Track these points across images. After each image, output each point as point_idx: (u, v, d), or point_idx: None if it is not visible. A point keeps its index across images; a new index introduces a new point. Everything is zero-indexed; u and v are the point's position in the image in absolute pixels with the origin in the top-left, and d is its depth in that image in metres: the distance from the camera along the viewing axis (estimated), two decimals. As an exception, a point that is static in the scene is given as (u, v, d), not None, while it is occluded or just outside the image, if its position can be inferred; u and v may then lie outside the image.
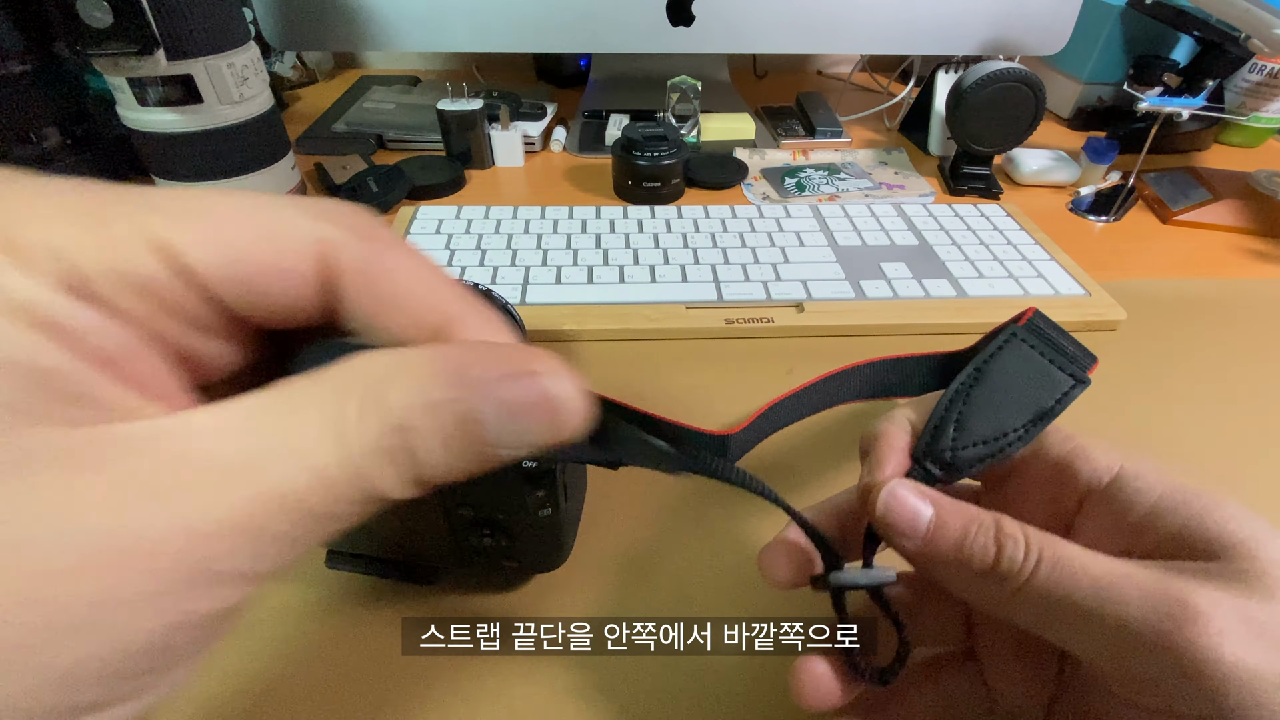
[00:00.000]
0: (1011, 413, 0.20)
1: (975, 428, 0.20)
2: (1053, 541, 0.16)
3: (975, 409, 0.20)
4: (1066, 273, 0.46)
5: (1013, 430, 0.20)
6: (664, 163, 0.54)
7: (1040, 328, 0.22)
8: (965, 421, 0.20)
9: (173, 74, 0.43)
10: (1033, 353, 0.21)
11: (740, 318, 0.41)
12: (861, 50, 0.62)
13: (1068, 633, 0.16)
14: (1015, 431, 0.20)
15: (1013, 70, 0.53)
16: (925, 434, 0.20)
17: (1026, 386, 0.21)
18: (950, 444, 0.20)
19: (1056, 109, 0.76)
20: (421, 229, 0.49)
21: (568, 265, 0.45)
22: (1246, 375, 0.39)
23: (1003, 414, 0.20)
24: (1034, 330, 0.22)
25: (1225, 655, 0.14)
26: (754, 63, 0.89)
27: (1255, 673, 0.14)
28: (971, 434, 0.20)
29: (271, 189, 0.50)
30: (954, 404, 0.20)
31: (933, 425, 0.20)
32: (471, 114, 0.58)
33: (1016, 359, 0.21)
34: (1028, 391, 0.20)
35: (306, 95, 0.79)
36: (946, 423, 0.20)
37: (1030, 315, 0.22)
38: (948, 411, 0.20)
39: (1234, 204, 0.55)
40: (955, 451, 0.20)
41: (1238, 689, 0.14)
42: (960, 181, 0.59)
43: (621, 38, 0.59)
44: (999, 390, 0.20)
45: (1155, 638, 0.14)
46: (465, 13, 0.57)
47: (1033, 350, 0.21)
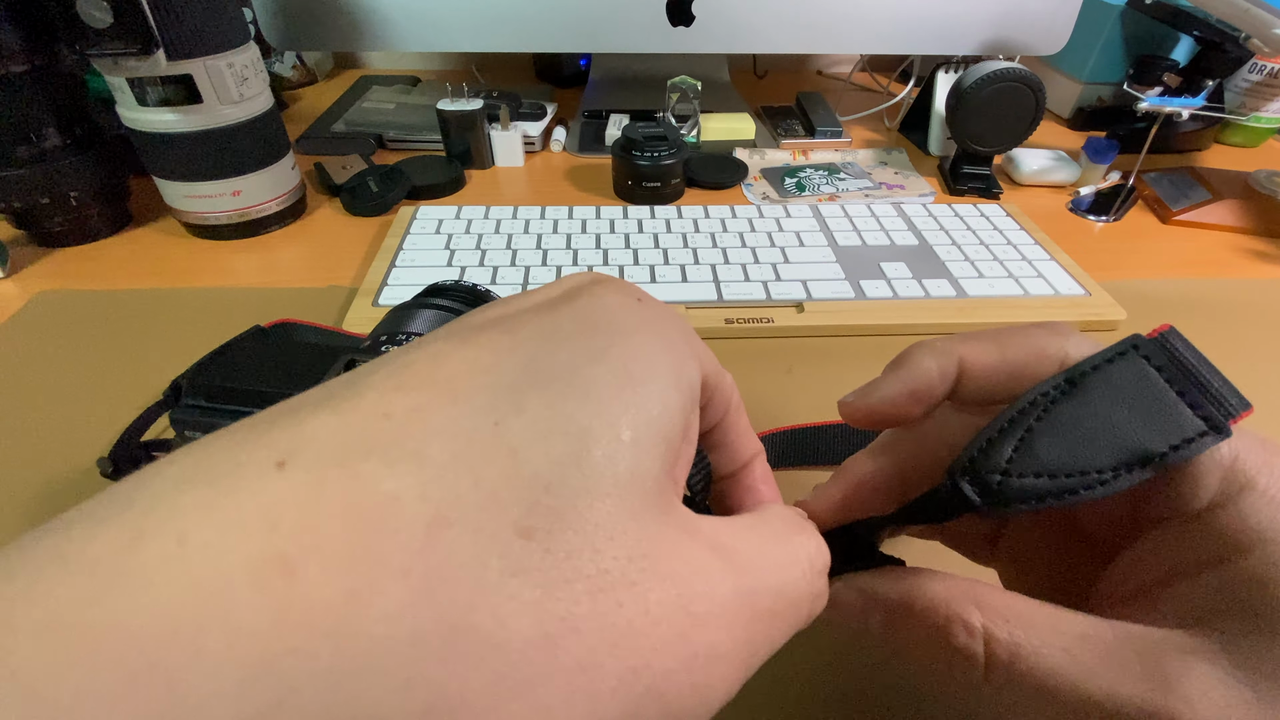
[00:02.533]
0: (1102, 447, 0.15)
1: (1045, 453, 0.15)
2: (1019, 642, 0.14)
3: (1052, 428, 0.15)
4: (1066, 273, 0.46)
5: (1096, 471, 0.14)
6: (664, 163, 0.54)
7: (1177, 349, 0.16)
8: (1033, 441, 0.15)
9: (173, 74, 0.43)
10: (1156, 376, 0.15)
11: (740, 318, 0.41)
12: (861, 50, 0.62)
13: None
14: (1094, 475, 0.14)
15: (1013, 70, 0.53)
16: (976, 442, 0.15)
17: (1132, 418, 0.15)
18: (1004, 464, 0.15)
19: (1056, 109, 0.76)
20: (421, 229, 0.49)
21: (568, 265, 0.45)
22: (1246, 375, 0.39)
23: (1089, 445, 0.15)
24: (1166, 349, 0.16)
25: None
26: (754, 63, 0.89)
27: None
28: (1038, 459, 0.15)
29: (271, 189, 0.50)
30: (1025, 415, 0.15)
31: (988, 434, 0.15)
32: (471, 114, 0.58)
33: (1130, 379, 0.15)
34: (1132, 425, 0.15)
35: (306, 95, 0.79)
36: (1008, 436, 0.15)
37: (1164, 330, 0.16)
38: (1014, 423, 0.15)
39: (1234, 204, 0.55)
40: (1007, 477, 0.15)
41: None
42: (960, 181, 0.59)
43: (621, 38, 0.59)
44: (1092, 414, 0.15)
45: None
46: (465, 13, 0.57)
47: (1158, 374, 0.15)
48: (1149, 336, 0.16)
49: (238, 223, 0.50)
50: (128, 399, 0.34)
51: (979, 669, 0.14)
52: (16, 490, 0.30)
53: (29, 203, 0.46)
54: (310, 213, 0.55)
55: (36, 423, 0.34)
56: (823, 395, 0.37)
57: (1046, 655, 0.14)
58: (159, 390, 0.25)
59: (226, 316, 0.42)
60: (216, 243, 0.50)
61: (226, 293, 0.45)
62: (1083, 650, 0.14)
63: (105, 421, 0.33)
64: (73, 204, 0.47)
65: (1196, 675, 0.13)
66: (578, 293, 0.14)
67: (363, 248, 0.50)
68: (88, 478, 0.31)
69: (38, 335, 0.40)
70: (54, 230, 0.48)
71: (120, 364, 0.38)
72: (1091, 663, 0.14)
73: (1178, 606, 0.14)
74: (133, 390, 0.35)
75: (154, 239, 0.50)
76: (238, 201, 0.49)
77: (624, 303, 0.14)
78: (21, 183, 0.45)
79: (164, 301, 0.43)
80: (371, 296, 0.42)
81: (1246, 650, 0.13)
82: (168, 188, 0.48)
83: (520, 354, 0.12)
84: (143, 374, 0.37)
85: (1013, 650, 0.14)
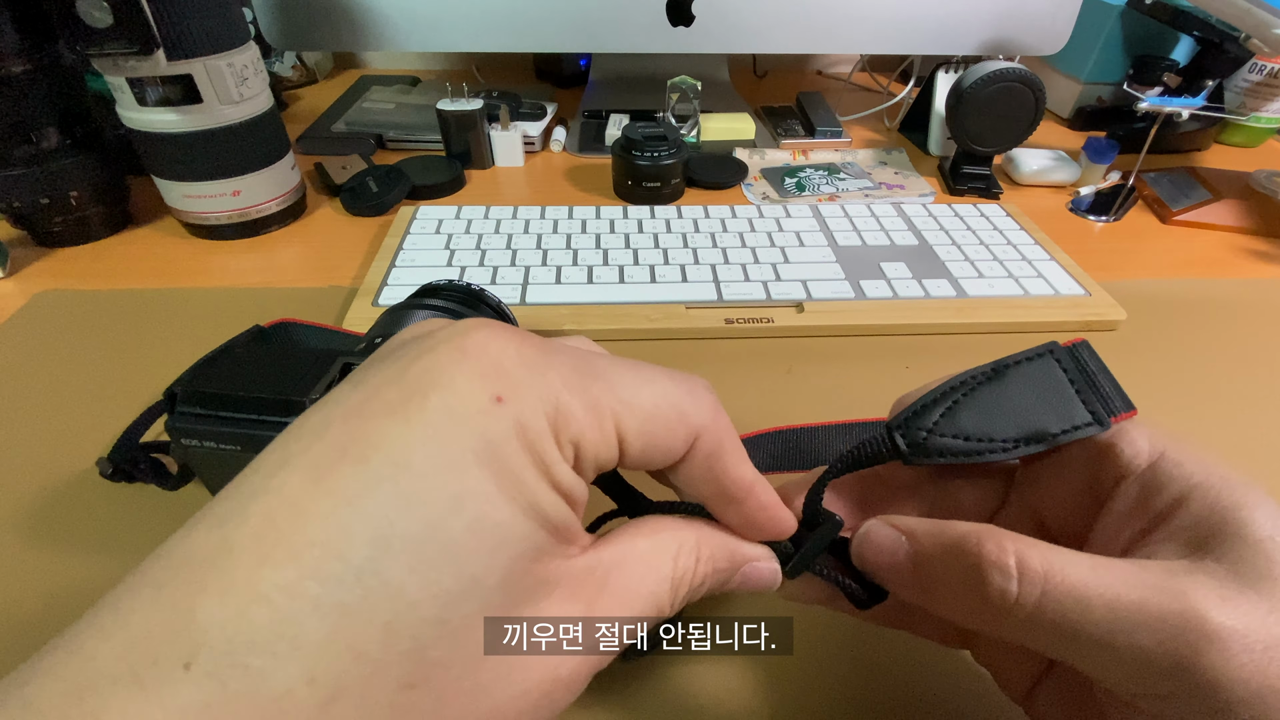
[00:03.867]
0: (1006, 423, 0.18)
1: (964, 421, 0.18)
2: (1051, 562, 0.15)
3: (973, 403, 0.19)
4: (1066, 273, 0.46)
5: (999, 439, 0.18)
6: (664, 163, 0.54)
7: (1082, 358, 0.19)
8: (957, 411, 0.19)
9: (173, 74, 0.43)
10: (1063, 376, 0.19)
11: (740, 318, 0.41)
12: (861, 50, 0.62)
13: (1073, 656, 0.15)
14: (999, 442, 0.18)
15: (1013, 70, 0.53)
16: (912, 406, 0.19)
17: (1037, 405, 0.19)
18: (931, 425, 0.18)
19: (1056, 109, 0.76)
20: (421, 229, 0.49)
21: (567, 265, 0.45)
22: (1246, 375, 0.39)
23: (997, 420, 0.18)
24: (1075, 357, 0.19)
25: (1240, 675, 0.14)
26: (754, 63, 0.89)
27: (1272, 689, 0.14)
28: (957, 425, 0.18)
29: (271, 189, 0.50)
30: (955, 390, 0.19)
31: (923, 401, 0.19)
32: (471, 114, 0.58)
33: (1042, 375, 0.19)
34: (1036, 410, 0.18)
35: (306, 95, 0.79)
36: (938, 404, 0.19)
37: (1077, 342, 0.20)
38: (944, 395, 0.19)
39: (1234, 204, 0.55)
40: (931, 435, 0.18)
41: (1250, 707, 0.14)
42: (960, 181, 0.59)
43: (621, 38, 0.59)
44: (1006, 397, 0.19)
45: (1169, 662, 0.14)
46: (465, 13, 0.57)
47: (1063, 374, 0.19)
48: (1064, 345, 0.20)
49: (238, 223, 0.50)
50: (127, 399, 0.34)
51: (1011, 597, 0.15)
52: (16, 491, 0.30)
53: (29, 203, 0.46)
54: (310, 213, 0.55)
55: (36, 423, 0.34)
56: (823, 395, 0.37)
57: (1076, 576, 0.15)
58: (159, 391, 0.26)
59: (226, 316, 0.42)
60: (216, 243, 0.50)
61: (226, 293, 0.45)
62: (1108, 572, 0.15)
63: (105, 422, 0.33)
64: (73, 204, 0.47)
65: (1208, 587, 0.14)
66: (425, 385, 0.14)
67: (363, 248, 0.50)
68: (87, 478, 0.31)
69: (38, 335, 0.40)
70: (54, 230, 0.48)
71: (120, 364, 0.38)
72: (1117, 583, 0.15)
73: (1164, 550, 0.16)
74: (133, 391, 0.35)
75: (154, 239, 0.50)
76: (238, 201, 0.49)
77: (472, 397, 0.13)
78: (21, 183, 0.45)
79: (164, 301, 0.43)
80: (371, 296, 0.42)
81: (1236, 562, 0.15)
82: (167, 188, 0.48)
83: (371, 501, 0.12)
84: (143, 374, 0.37)
85: (1046, 572, 0.15)
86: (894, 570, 0.18)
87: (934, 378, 0.20)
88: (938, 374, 0.20)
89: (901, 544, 0.18)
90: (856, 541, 0.19)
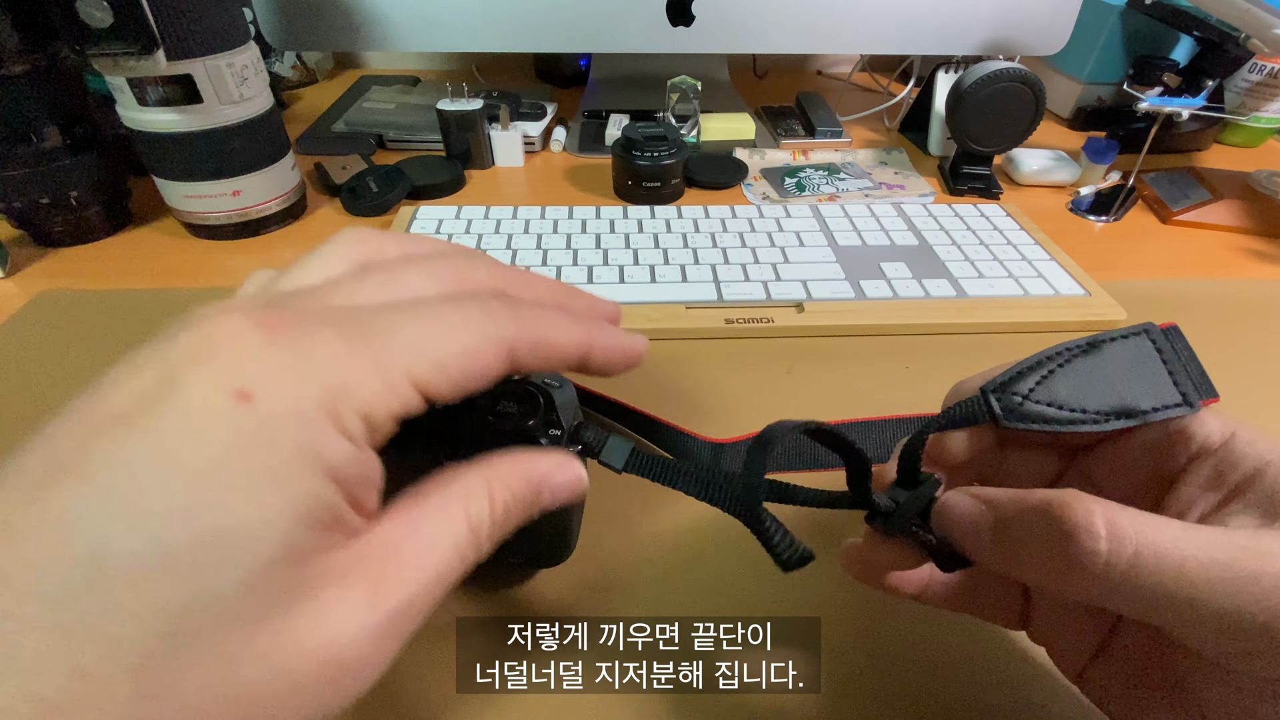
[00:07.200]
0: (1099, 396, 0.19)
1: (1058, 390, 0.19)
2: (1143, 524, 0.15)
3: (1069, 374, 0.19)
4: (1066, 273, 0.46)
5: (1091, 411, 0.19)
6: (664, 163, 0.54)
7: (1176, 341, 0.20)
8: (1052, 380, 0.19)
9: (173, 74, 0.43)
10: (1156, 356, 0.19)
11: (740, 318, 0.41)
12: (861, 50, 0.62)
13: (1162, 617, 0.15)
14: (1090, 414, 0.18)
15: (1013, 70, 0.53)
16: (1008, 371, 0.19)
17: (1131, 382, 0.19)
18: (1025, 392, 0.19)
19: (1056, 109, 0.76)
20: (421, 229, 0.49)
21: (567, 265, 0.45)
22: (1247, 375, 0.39)
23: (1091, 392, 0.19)
24: (1169, 339, 0.20)
25: None
26: (754, 63, 0.89)
27: None
28: (1051, 393, 0.19)
29: (271, 189, 0.50)
30: (1050, 360, 0.19)
31: (1018, 368, 0.19)
32: (471, 114, 0.58)
33: (1137, 354, 0.19)
34: (1129, 386, 0.19)
35: (306, 95, 0.79)
36: (1034, 372, 0.19)
37: (1170, 326, 0.20)
38: (1039, 364, 0.19)
39: (1234, 204, 0.56)
40: (1026, 401, 0.19)
41: None
42: (960, 181, 0.59)
43: (621, 38, 0.59)
44: (1101, 371, 0.19)
45: (1261, 619, 0.14)
46: (465, 13, 0.57)
47: (1157, 354, 0.19)
48: (1160, 327, 0.20)
49: (238, 223, 0.50)
50: (128, 399, 0.34)
51: (1100, 558, 0.15)
52: (16, 490, 0.30)
53: (29, 203, 0.46)
54: (310, 213, 0.55)
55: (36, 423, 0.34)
56: (823, 395, 0.37)
57: (1168, 537, 0.15)
58: (159, 390, 0.25)
59: (226, 316, 0.42)
60: (216, 243, 0.50)
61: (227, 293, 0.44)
62: (1198, 534, 0.15)
63: (105, 421, 0.33)
64: (73, 204, 0.47)
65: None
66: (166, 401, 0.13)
67: (363, 248, 0.49)
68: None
69: (38, 335, 0.40)
70: (54, 230, 0.48)
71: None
72: (1209, 544, 0.15)
73: (1241, 520, 0.17)
74: (133, 390, 0.35)
75: (154, 239, 0.50)
76: (238, 201, 0.49)
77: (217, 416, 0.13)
78: (21, 183, 0.45)
79: (164, 301, 0.43)
80: (371, 296, 0.42)
81: None
82: (168, 188, 0.48)
83: (88, 520, 0.12)
84: (143, 374, 0.37)
85: (1139, 534, 0.15)
86: (977, 538, 0.18)
87: (934, 377, 0.20)
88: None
89: (984, 512, 0.18)
90: (938, 511, 0.19)
